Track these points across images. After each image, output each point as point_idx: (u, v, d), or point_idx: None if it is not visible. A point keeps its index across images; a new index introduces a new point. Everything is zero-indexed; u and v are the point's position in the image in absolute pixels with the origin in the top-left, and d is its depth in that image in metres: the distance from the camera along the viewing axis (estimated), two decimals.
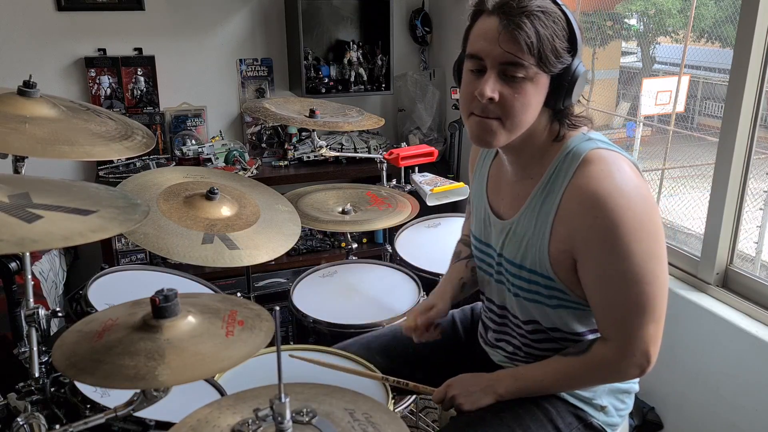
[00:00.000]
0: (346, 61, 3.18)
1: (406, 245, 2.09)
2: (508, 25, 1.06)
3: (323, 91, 3.13)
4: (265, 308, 1.09)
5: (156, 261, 2.72)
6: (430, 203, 2.11)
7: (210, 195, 1.61)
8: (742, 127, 1.80)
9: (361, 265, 2.03)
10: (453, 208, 2.29)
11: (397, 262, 2.01)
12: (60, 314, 1.33)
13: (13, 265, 1.25)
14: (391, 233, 2.19)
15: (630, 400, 1.33)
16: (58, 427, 1.01)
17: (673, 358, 1.99)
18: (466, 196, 1.53)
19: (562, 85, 1.11)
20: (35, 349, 1.24)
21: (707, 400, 1.92)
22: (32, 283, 1.29)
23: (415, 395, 1.78)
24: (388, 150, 2.22)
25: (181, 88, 3.06)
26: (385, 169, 2.24)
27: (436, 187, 2.12)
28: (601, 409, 1.27)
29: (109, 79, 2.91)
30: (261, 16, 3.14)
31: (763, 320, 1.79)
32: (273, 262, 2.73)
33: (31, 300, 1.26)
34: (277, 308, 0.84)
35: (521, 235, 1.21)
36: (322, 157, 3.00)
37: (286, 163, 3.11)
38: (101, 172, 2.80)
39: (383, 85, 3.22)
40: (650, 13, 3.09)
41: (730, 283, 1.93)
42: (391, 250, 2.08)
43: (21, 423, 1.06)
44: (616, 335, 1.15)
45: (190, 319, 0.99)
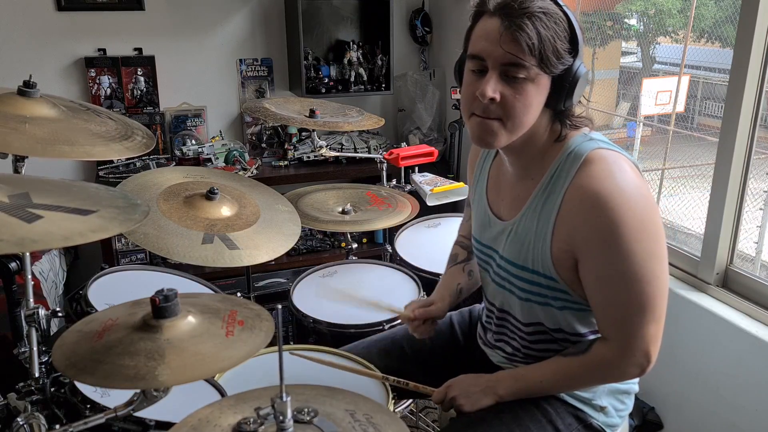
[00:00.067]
0: (346, 61, 3.18)
1: (406, 245, 2.08)
2: (510, 26, 1.06)
3: (323, 91, 3.13)
4: (265, 308, 1.09)
5: (156, 261, 2.72)
6: (430, 203, 2.11)
7: (210, 195, 1.61)
8: (742, 127, 1.80)
9: (361, 265, 2.03)
10: (453, 208, 2.29)
11: (397, 262, 2.01)
12: (60, 314, 1.33)
13: (13, 265, 1.25)
14: (391, 233, 2.19)
15: (630, 401, 1.33)
16: (58, 427, 1.01)
17: (673, 358, 1.99)
18: (465, 196, 1.54)
19: (563, 86, 1.11)
20: (35, 349, 1.24)
21: (707, 400, 1.92)
22: (32, 283, 1.29)
23: (415, 395, 1.78)
24: (388, 150, 2.22)
25: (181, 88, 3.06)
26: (385, 169, 2.24)
27: (436, 187, 2.12)
28: (601, 409, 1.27)
29: (109, 79, 2.91)
30: (261, 16, 3.14)
31: (763, 320, 1.79)
32: (273, 262, 2.73)
33: (31, 300, 1.26)
34: (279, 306, 0.83)
35: (523, 236, 1.21)
36: (322, 157, 3.00)
37: (286, 163, 3.11)
38: (101, 172, 2.80)
39: (383, 85, 3.22)
40: (650, 13, 3.09)
41: (730, 283, 1.93)
42: (391, 250, 2.08)
43: (21, 423, 1.07)
44: (616, 335, 1.15)
45: (190, 319, 0.99)
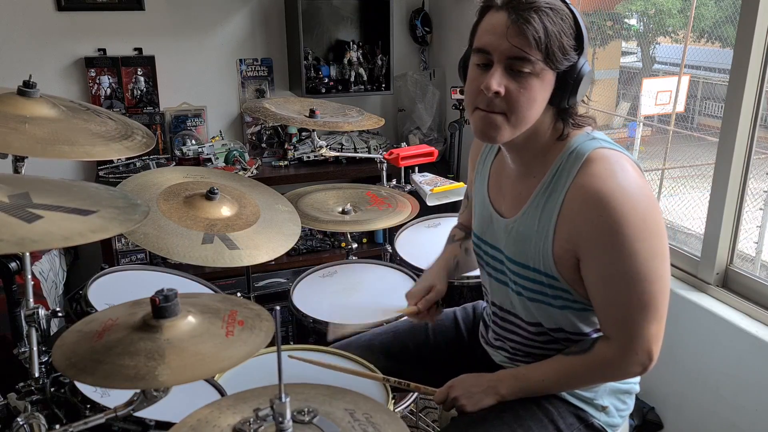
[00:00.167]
0: (346, 61, 3.18)
1: (406, 245, 2.08)
2: (517, 20, 1.06)
3: (323, 91, 3.13)
4: (265, 308, 1.09)
5: (156, 261, 2.72)
6: (430, 203, 2.11)
7: (210, 195, 1.60)
8: (742, 127, 1.80)
9: (361, 265, 2.03)
10: (453, 208, 2.28)
11: (397, 262, 2.01)
12: (60, 314, 1.33)
13: (13, 265, 1.25)
14: (391, 233, 2.19)
15: (631, 401, 1.33)
16: (58, 427, 1.01)
17: (673, 358, 1.99)
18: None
19: (568, 83, 1.11)
20: (35, 349, 1.24)
21: (707, 400, 1.92)
22: (32, 283, 1.29)
23: (416, 395, 1.78)
24: (388, 150, 2.22)
25: (181, 88, 3.06)
26: (385, 169, 2.24)
27: (436, 187, 2.12)
28: (602, 409, 1.27)
29: (109, 79, 2.91)
30: (261, 16, 3.14)
31: (763, 320, 1.79)
32: (273, 262, 2.73)
33: (31, 300, 1.26)
34: (278, 308, 0.84)
35: (524, 234, 1.21)
36: (322, 157, 3.00)
37: (286, 163, 3.12)
38: (101, 172, 2.80)
39: (383, 85, 3.22)
40: (650, 13, 3.09)
41: (730, 283, 1.93)
42: (391, 250, 2.08)
43: (21, 423, 1.06)
44: (618, 334, 1.15)
45: (190, 319, 0.99)
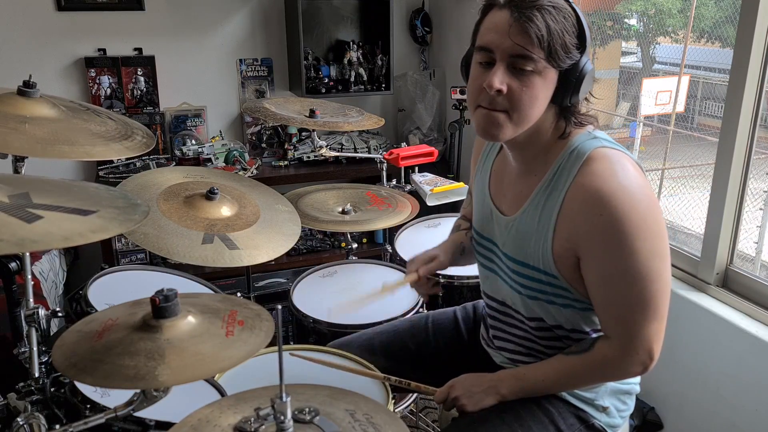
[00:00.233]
0: (346, 61, 3.18)
1: (406, 245, 2.08)
2: (520, 18, 1.06)
3: (323, 91, 3.13)
4: (265, 308, 1.09)
5: (156, 261, 2.72)
6: (430, 203, 2.11)
7: (210, 195, 1.60)
8: (742, 127, 1.80)
9: (361, 265, 2.03)
10: (453, 208, 2.28)
11: (397, 262, 2.01)
12: (60, 314, 1.33)
13: (13, 265, 1.25)
14: (391, 233, 2.19)
15: (631, 401, 1.33)
16: (58, 427, 1.01)
17: (673, 358, 1.99)
18: (465, 197, 1.54)
19: (570, 82, 1.11)
20: (35, 349, 1.24)
21: (707, 400, 1.92)
22: (32, 283, 1.29)
23: (416, 395, 1.78)
24: (388, 150, 2.22)
25: (181, 88, 3.06)
26: (385, 169, 2.24)
27: (436, 187, 2.12)
28: (603, 410, 1.27)
29: (109, 79, 2.91)
30: (261, 16, 3.14)
31: (763, 320, 1.79)
32: (273, 262, 2.73)
33: (31, 300, 1.26)
34: (279, 307, 0.83)
35: (524, 232, 1.21)
36: (322, 157, 3.00)
37: (286, 163, 3.12)
38: (101, 172, 2.80)
39: (383, 85, 3.22)
40: (650, 13, 3.09)
41: (730, 283, 1.93)
42: (391, 250, 2.08)
43: (21, 423, 1.06)
44: (619, 333, 1.15)
45: (190, 319, 0.99)
